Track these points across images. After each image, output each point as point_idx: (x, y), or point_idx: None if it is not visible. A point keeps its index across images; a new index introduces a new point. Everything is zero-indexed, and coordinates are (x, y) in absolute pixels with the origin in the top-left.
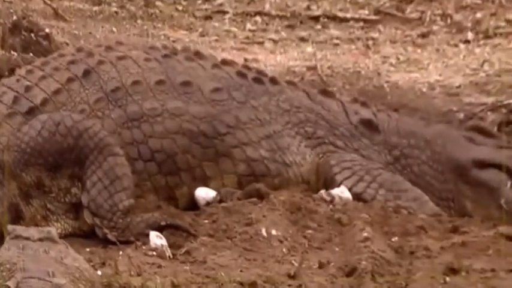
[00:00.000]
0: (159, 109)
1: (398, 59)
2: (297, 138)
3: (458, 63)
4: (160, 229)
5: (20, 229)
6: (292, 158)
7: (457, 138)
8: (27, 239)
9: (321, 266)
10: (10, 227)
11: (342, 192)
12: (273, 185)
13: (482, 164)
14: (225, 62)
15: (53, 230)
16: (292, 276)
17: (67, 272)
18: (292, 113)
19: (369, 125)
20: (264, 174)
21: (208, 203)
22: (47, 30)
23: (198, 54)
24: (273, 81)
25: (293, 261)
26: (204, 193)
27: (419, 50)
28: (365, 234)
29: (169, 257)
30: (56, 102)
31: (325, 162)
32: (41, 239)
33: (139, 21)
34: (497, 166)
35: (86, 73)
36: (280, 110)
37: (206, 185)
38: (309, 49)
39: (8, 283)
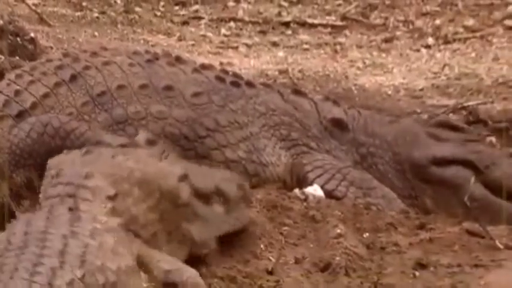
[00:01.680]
0: (142, 112)
1: (364, 63)
2: (273, 140)
3: (421, 67)
4: None
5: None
6: (269, 158)
7: (418, 136)
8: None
9: (297, 261)
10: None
11: (315, 190)
12: (251, 185)
13: (443, 162)
14: (204, 67)
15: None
16: (270, 272)
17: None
18: (268, 116)
19: (339, 124)
20: (242, 175)
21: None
22: (32, 34)
23: (178, 59)
24: (249, 84)
25: (270, 257)
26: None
27: (383, 55)
28: (338, 231)
29: None
30: (45, 106)
31: (298, 162)
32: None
33: (119, 26)
34: (460, 162)
35: (73, 78)
36: (257, 112)
37: None
38: (281, 53)
39: None
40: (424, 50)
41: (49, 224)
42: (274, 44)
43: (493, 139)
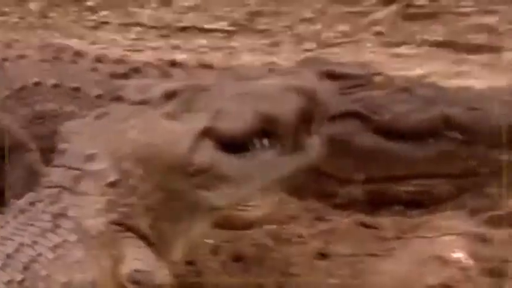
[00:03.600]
0: (58, 110)
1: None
2: None
3: None
4: None
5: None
6: None
7: None
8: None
9: (213, 253)
10: None
11: None
12: None
13: (328, 119)
14: (98, 60)
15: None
16: (189, 263)
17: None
18: None
19: None
20: None
21: None
22: None
23: (78, 54)
24: (136, 70)
25: None
26: None
27: (271, 58)
28: (249, 222)
29: None
30: None
31: None
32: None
33: (38, 30)
34: (345, 115)
35: None
36: None
37: None
38: (183, 56)
39: None
40: (307, 54)
41: (16, 231)
42: (176, 48)
43: (382, 78)
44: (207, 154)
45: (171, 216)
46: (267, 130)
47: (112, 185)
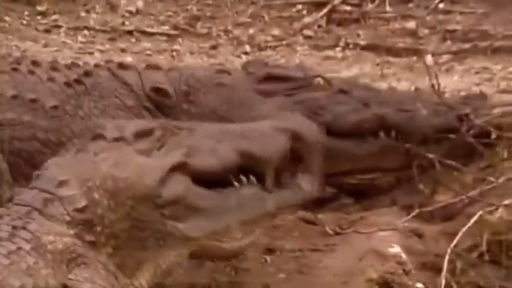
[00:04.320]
0: (16, 120)
1: None
2: None
3: None
4: None
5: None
6: None
7: (245, 97)
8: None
9: None
10: None
11: None
12: None
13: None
14: (54, 68)
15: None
16: None
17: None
18: (107, 111)
19: (161, 93)
20: None
21: None
22: None
23: (35, 63)
24: (88, 74)
25: None
26: None
27: (212, 60)
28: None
29: None
30: None
31: None
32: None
33: None
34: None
35: None
36: (98, 110)
37: None
38: (129, 58)
39: None
40: (244, 56)
41: None
42: (123, 50)
43: (321, 80)
44: (179, 187)
45: (136, 244)
46: (247, 167)
47: (79, 210)
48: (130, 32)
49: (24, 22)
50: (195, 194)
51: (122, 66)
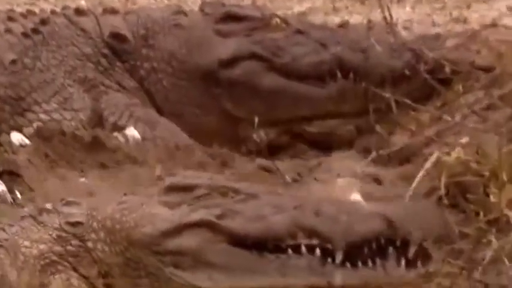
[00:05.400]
0: None
1: None
2: (75, 86)
3: None
4: None
5: None
6: (77, 105)
7: (204, 37)
8: None
9: None
10: None
11: (131, 131)
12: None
13: (229, 62)
14: (11, 18)
15: None
16: None
17: None
18: (65, 61)
19: (119, 38)
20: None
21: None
22: None
23: None
24: (44, 22)
25: None
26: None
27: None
28: (157, 173)
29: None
30: None
31: (98, 106)
32: None
33: None
34: (246, 57)
35: None
36: (57, 61)
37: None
38: (83, 2)
39: None
40: None
41: None
42: None
43: (278, 20)
44: (192, 242)
45: (129, 280)
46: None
47: (71, 224)
48: None
49: None
50: (217, 252)
51: (78, 12)
